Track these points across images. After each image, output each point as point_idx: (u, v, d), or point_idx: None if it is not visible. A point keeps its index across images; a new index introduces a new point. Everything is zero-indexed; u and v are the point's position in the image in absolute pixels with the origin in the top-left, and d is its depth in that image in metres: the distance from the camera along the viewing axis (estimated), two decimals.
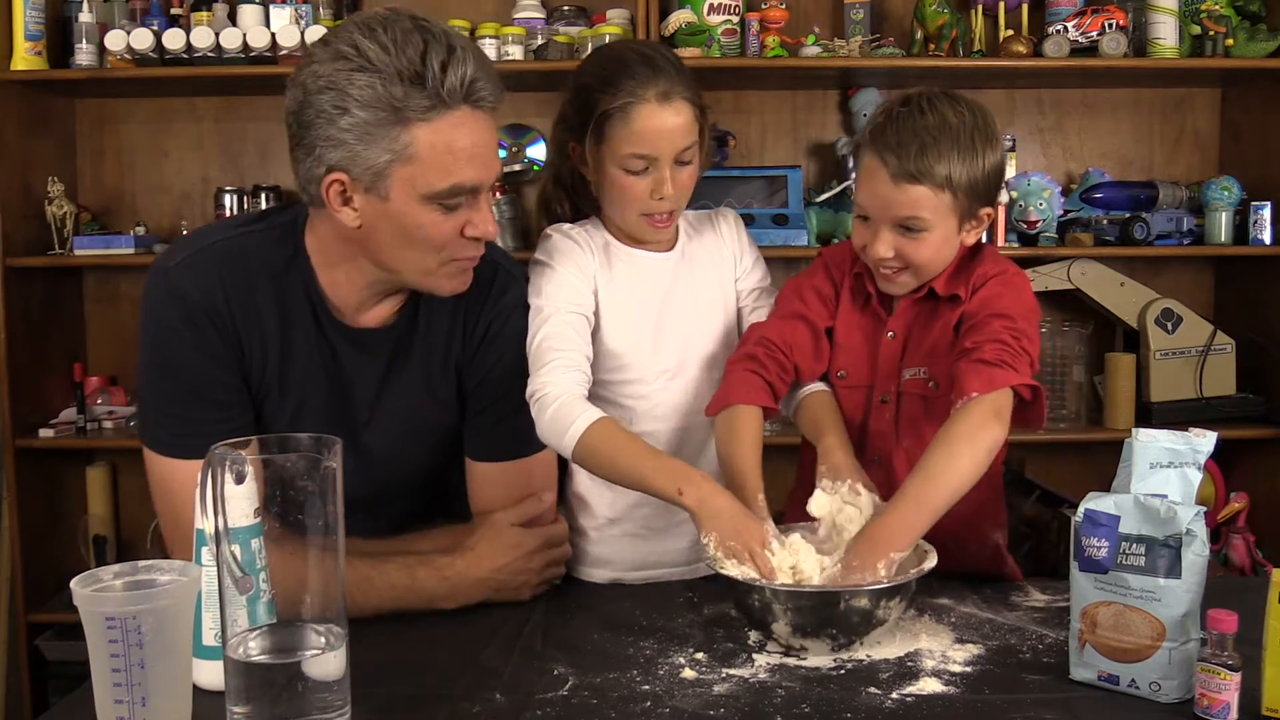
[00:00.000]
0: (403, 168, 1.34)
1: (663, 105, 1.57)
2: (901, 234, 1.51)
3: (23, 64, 2.78)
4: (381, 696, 1.20)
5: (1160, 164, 3.15)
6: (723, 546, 1.38)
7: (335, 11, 2.94)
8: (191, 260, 1.45)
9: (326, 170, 1.35)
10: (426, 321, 1.55)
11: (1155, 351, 2.90)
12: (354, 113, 1.31)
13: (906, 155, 1.47)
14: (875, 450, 1.61)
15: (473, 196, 1.39)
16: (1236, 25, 2.83)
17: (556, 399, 1.51)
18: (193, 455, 1.35)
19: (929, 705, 1.19)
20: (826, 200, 2.95)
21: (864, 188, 1.53)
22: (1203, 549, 1.17)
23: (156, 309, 1.44)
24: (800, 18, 3.00)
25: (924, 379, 1.58)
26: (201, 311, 1.42)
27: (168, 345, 1.43)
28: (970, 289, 1.55)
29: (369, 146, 1.32)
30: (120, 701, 1.02)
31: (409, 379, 1.56)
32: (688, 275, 1.71)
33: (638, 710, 1.18)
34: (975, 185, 1.50)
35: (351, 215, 1.38)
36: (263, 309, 1.46)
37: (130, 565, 1.09)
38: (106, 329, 3.17)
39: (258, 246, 1.47)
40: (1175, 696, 1.18)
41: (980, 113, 1.52)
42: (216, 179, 3.12)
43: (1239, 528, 2.88)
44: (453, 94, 1.32)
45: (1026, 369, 1.48)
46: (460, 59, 1.33)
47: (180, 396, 1.44)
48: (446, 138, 1.34)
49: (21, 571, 2.83)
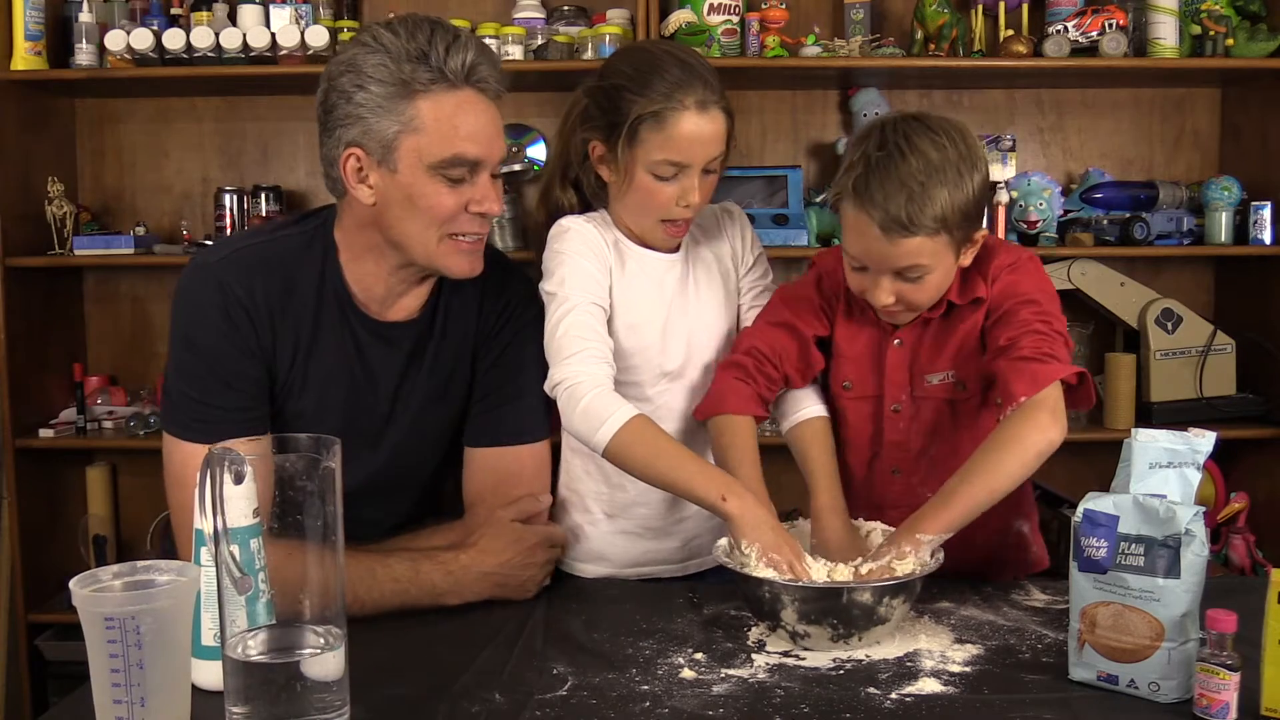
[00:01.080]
0: (410, 138, 1.43)
1: (700, 114, 1.56)
2: (901, 280, 1.47)
3: (23, 64, 2.79)
4: (381, 696, 1.21)
5: (1160, 164, 3.14)
6: (765, 557, 1.38)
7: (335, 11, 2.94)
8: (232, 258, 1.51)
9: (345, 147, 1.45)
10: (445, 316, 1.60)
11: (1155, 351, 2.90)
12: (368, 88, 1.42)
13: (896, 206, 1.40)
14: (893, 461, 1.60)
15: (475, 172, 1.47)
16: (1236, 25, 2.83)
17: (589, 391, 1.50)
18: (213, 441, 1.37)
19: (929, 705, 1.19)
20: (826, 200, 2.95)
21: (854, 241, 1.47)
22: (1202, 549, 1.17)
23: (195, 299, 1.49)
24: (800, 18, 3.00)
25: (951, 383, 1.55)
26: (239, 306, 1.48)
27: (202, 334, 1.48)
28: (990, 283, 1.52)
29: (380, 119, 1.42)
30: (119, 702, 1.03)
31: (427, 372, 1.60)
32: (693, 277, 1.70)
33: (637, 710, 1.18)
34: (967, 214, 1.45)
35: (367, 192, 1.46)
36: (296, 310, 1.51)
37: (129, 565, 1.09)
38: (106, 329, 3.17)
39: (292, 249, 1.54)
40: (1174, 696, 1.18)
41: (958, 136, 1.45)
42: (216, 179, 3.12)
43: (1239, 528, 2.87)
44: (455, 73, 1.43)
45: (1066, 354, 1.45)
46: (463, 45, 1.44)
47: (208, 384, 1.47)
48: (449, 112, 1.44)
49: (21, 571, 2.83)
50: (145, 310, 3.18)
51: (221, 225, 2.99)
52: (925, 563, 1.37)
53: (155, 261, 2.98)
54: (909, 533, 1.38)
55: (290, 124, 3.14)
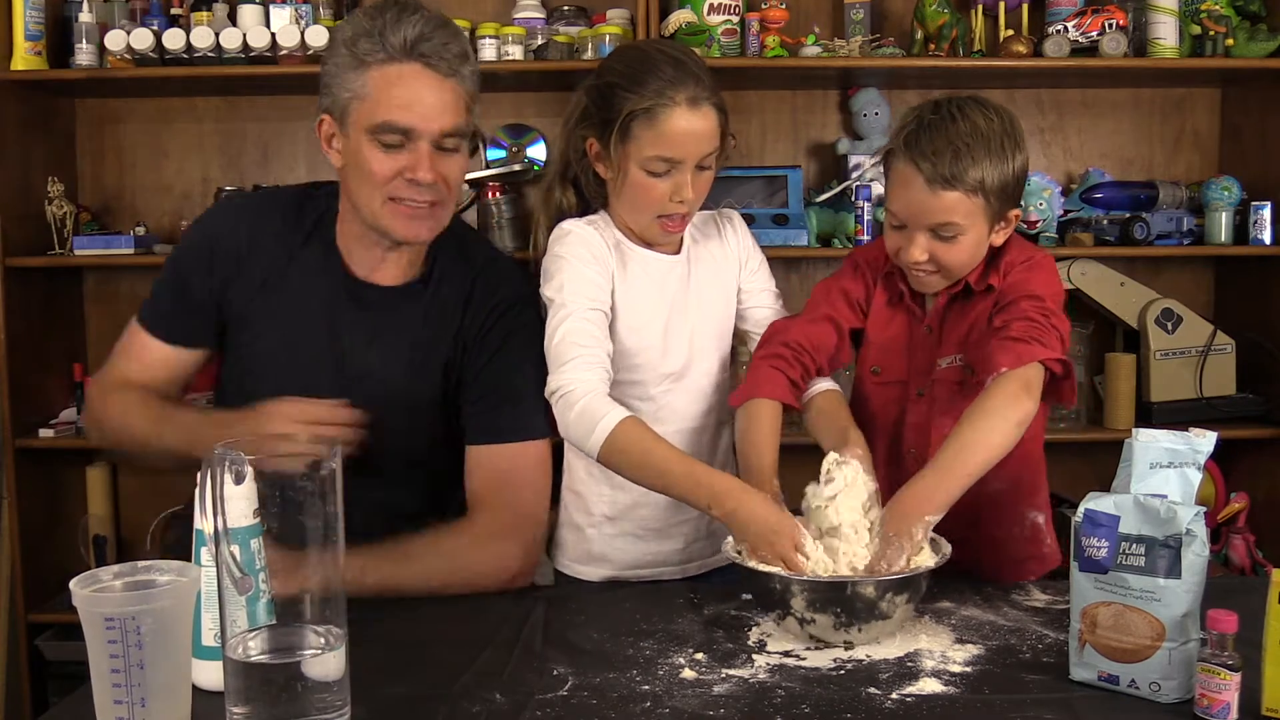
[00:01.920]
0: (358, 105, 1.55)
1: (692, 110, 1.58)
2: (935, 239, 1.53)
3: (23, 64, 2.78)
4: (381, 696, 1.21)
5: (1160, 164, 3.14)
6: (754, 556, 1.39)
7: (335, 11, 2.93)
8: (233, 202, 1.87)
9: (321, 113, 1.60)
10: (432, 295, 1.67)
11: (1155, 351, 2.90)
12: (335, 59, 1.57)
13: (941, 162, 1.49)
14: (911, 444, 1.63)
15: (410, 140, 1.55)
16: (1236, 25, 2.83)
17: (582, 397, 1.51)
18: (153, 330, 1.70)
19: (929, 705, 1.19)
20: (826, 200, 2.95)
21: (898, 194, 1.55)
22: (1203, 549, 1.17)
23: (199, 225, 1.75)
24: (800, 18, 3.00)
25: (959, 365, 1.60)
26: (217, 241, 1.68)
27: (183, 253, 1.73)
28: (1002, 276, 1.59)
29: (340, 87, 1.56)
30: (120, 702, 1.03)
31: (399, 342, 1.65)
32: (695, 279, 1.71)
33: (637, 710, 1.18)
34: (1005, 188, 1.53)
35: (336, 157, 1.61)
36: (271, 249, 1.67)
37: (130, 566, 1.09)
38: (106, 329, 3.16)
39: (294, 198, 1.72)
40: (1175, 696, 1.18)
41: (1007, 116, 1.55)
42: (216, 179, 3.12)
43: (1239, 528, 2.87)
44: (397, 48, 1.53)
45: (1057, 344, 1.50)
46: (413, 23, 1.53)
47: (168, 285, 1.71)
48: (390, 82, 1.53)
49: (21, 571, 2.83)
50: None
51: None
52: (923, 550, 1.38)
53: (155, 261, 2.97)
54: (914, 515, 1.38)
55: (290, 124, 3.13)
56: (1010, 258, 1.60)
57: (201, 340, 1.71)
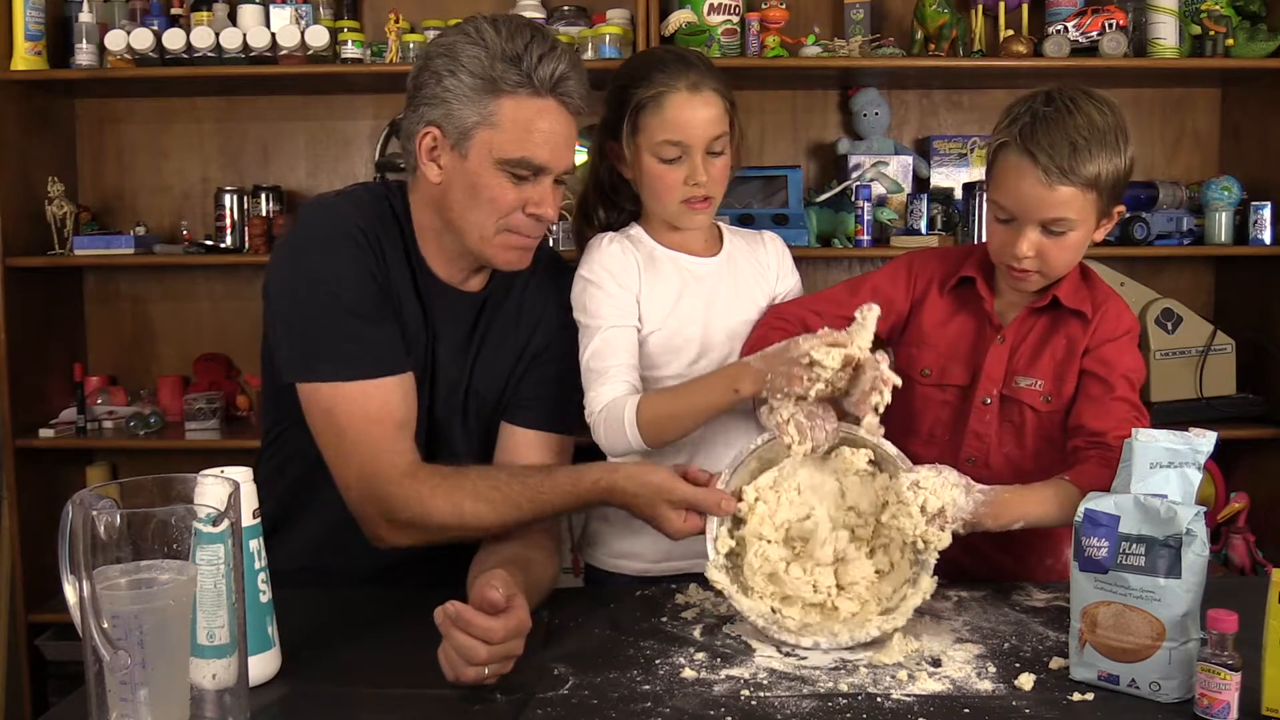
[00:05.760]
0: (486, 131, 1.50)
1: (693, 94, 1.63)
2: (1045, 234, 1.53)
3: (23, 64, 2.78)
4: (382, 696, 1.21)
5: (1160, 164, 3.14)
6: (784, 375, 1.43)
7: (335, 11, 2.94)
8: (342, 195, 1.61)
9: (425, 124, 1.53)
10: (519, 295, 1.66)
11: (1155, 351, 2.90)
12: (459, 77, 1.49)
13: (1059, 155, 1.48)
14: (972, 450, 1.63)
15: (540, 177, 1.53)
16: (1236, 25, 2.83)
17: (599, 409, 1.59)
18: (362, 375, 1.49)
19: (929, 705, 1.19)
20: (826, 200, 2.95)
21: (1008, 188, 1.53)
22: (1203, 549, 1.17)
23: (313, 229, 1.55)
24: (800, 18, 3.00)
25: (1039, 391, 1.60)
26: (360, 230, 1.53)
27: (324, 266, 1.51)
28: (1093, 308, 1.59)
29: (463, 107, 1.49)
30: (123, 700, 1.02)
31: (486, 341, 1.64)
32: (731, 280, 1.74)
33: (638, 710, 1.18)
34: (1117, 184, 1.53)
35: (435, 171, 1.54)
36: (386, 248, 1.57)
37: (130, 565, 1.09)
38: (106, 329, 3.17)
39: (373, 199, 1.60)
40: (1175, 696, 1.18)
41: (1117, 111, 1.54)
42: (216, 179, 3.12)
43: (1239, 528, 2.87)
44: (542, 81, 1.50)
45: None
46: (557, 56, 1.50)
47: (338, 316, 1.50)
48: (528, 116, 1.50)
49: (21, 571, 2.83)
50: (145, 310, 3.18)
51: (221, 225, 2.98)
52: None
53: (155, 261, 2.98)
54: (1016, 510, 1.41)
55: (290, 124, 3.14)
56: (1101, 290, 1.62)
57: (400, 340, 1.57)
